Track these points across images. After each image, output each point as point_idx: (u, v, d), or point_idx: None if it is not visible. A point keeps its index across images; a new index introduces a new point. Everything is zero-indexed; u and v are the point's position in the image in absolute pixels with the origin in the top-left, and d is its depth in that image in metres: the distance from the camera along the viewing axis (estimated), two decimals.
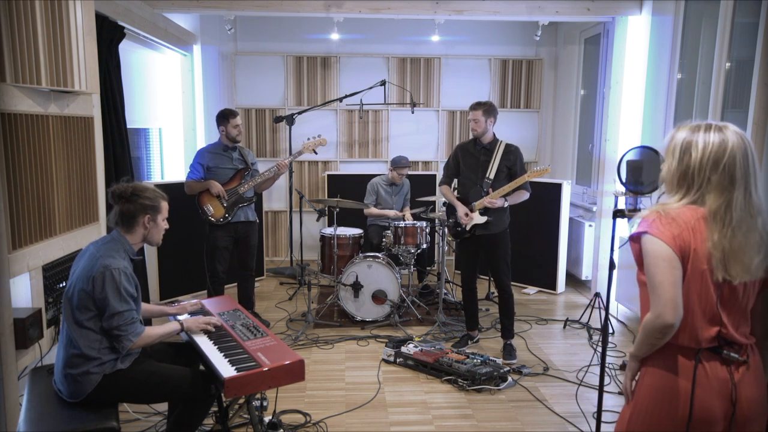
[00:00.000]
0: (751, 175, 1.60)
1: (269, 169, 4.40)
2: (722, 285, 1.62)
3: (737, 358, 1.64)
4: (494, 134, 4.01)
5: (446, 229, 4.16)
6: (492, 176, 3.93)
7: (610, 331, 4.45)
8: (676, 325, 1.61)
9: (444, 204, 4.60)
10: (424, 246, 4.88)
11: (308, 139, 4.68)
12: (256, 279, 5.60)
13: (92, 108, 3.20)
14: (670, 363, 1.67)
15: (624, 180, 3.46)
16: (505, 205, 3.92)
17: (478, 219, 3.92)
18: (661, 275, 1.60)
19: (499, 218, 3.95)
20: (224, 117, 4.28)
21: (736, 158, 1.58)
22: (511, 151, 3.96)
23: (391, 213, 5.21)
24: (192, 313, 2.92)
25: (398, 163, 5.25)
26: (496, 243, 3.97)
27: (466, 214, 3.94)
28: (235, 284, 4.61)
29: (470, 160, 4.04)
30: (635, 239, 1.69)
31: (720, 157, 1.59)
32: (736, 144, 1.59)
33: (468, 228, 3.97)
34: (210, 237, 4.32)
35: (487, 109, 3.91)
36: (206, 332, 2.68)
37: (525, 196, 3.97)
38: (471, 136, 4.07)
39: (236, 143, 4.35)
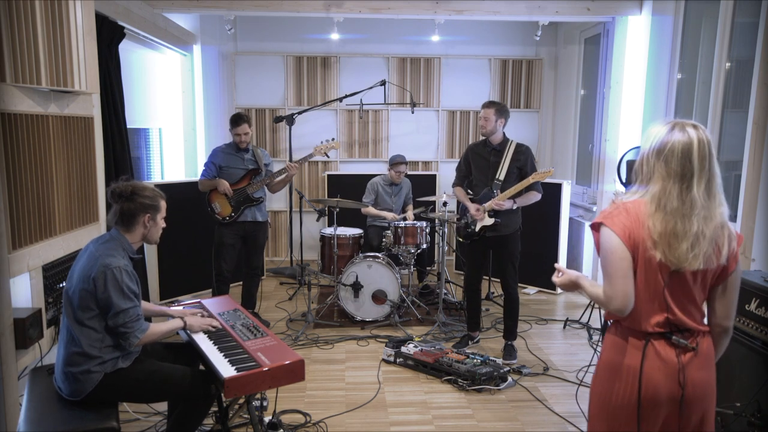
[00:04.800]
0: (696, 170, 1.67)
1: (278, 171, 4.44)
2: (672, 273, 1.72)
3: (685, 344, 1.75)
4: (504, 134, 3.95)
5: (457, 231, 4.12)
6: (502, 177, 3.87)
7: None
8: (626, 312, 1.74)
9: (444, 204, 4.59)
10: (424, 246, 4.87)
11: (321, 142, 4.66)
12: None
13: (92, 108, 3.20)
14: (623, 342, 1.81)
15: (624, 180, 3.47)
16: (514, 207, 3.85)
17: (486, 221, 3.88)
18: (612, 266, 1.73)
19: (509, 220, 3.89)
20: (231, 123, 4.34)
21: (675, 151, 1.68)
22: (522, 152, 3.89)
23: (389, 215, 5.20)
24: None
25: (393, 160, 5.25)
26: (505, 244, 3.93)
27: (477, 209, 3.89)
28: (241, 284, 4.63)
29: (480, 161, 3.99)
30: (594, 227, 1.81)
31: (662, 148, 1.71)
32: (678, 140, 1.69)
33: (477, 229, 3.94)
34: (217, 234, 4.39)
35: (499, 109, 3.84)
36: (206, 332, 2.68)
37: (536, 197, 3.89)
38: (479, 136, 4.04)
39: (240, 149, 4.38)
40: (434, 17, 5.14)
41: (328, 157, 4.76)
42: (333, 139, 4.69)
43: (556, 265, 2.04)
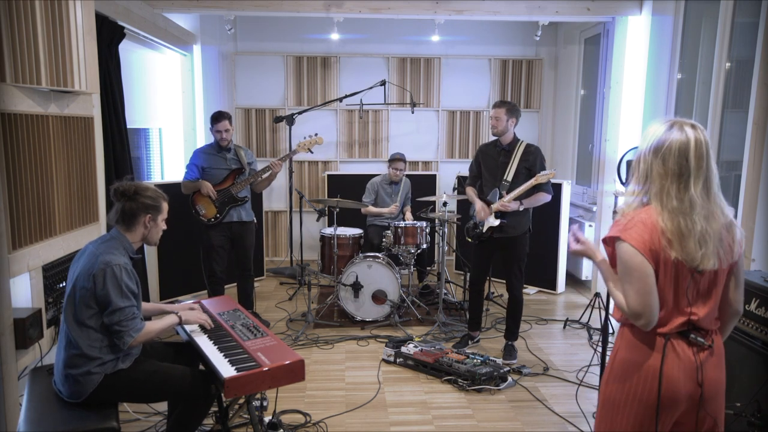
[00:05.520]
0: (693, 170, 1.67)
1: (262, 168, 4.40)
2: (694, 276, 1.71)
3: (703, 343, 1.75)
4: (515, 135, 3.93)
5: (465, 231, 4.11)
6: (509, 178, 3.84)
7: (610, 331, 4.43)
8: (651, 326, 1.73)
9: (444, 204, 4.59)
10: (424, 246, 4.87)
11: (304, 138, 4.67)
12: (256, 279, 5.59)
13: (92, 108, 3.20)
14: (640, 341, 1.79)
15: (624, 180, 3.46)
16: (521, 209, 3.80)
17: (492, 222, 3.85)
18: (635, 284, 1.71)
19: (517, 221, 3.86)
20: (211, 120, 4.30)
21: (672, 150, 1.68)
22: (531, 152, 3.85)
23: (386, 211, 5.22)
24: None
25: (392, 157, 5.30)
26: (512, 246, 3.91)
27: (482, 207, 3.86)
28: (236, 284, 4.62)
29: (489, 162, 3.97)
30: (608, 242, 1.79)
31: (660, 147, 1.70)
32: (676, 138, 1.68)
33: (485, 230, 3.92)
34: (204, 237, 4.34)
35: (510, 108, 3.83)
36: (206, 332, 2.68)
37: (545, 198, 3.85)
38: (482, 137, 4.03)
39: (222, 148, 4.33)
40: (434, 17, 5.14)
41: (311, 152, 4.73)
42: (316, 134, 4.67)
43: (575, 232, 2.00)
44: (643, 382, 1.76)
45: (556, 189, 5.38)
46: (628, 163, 3.44)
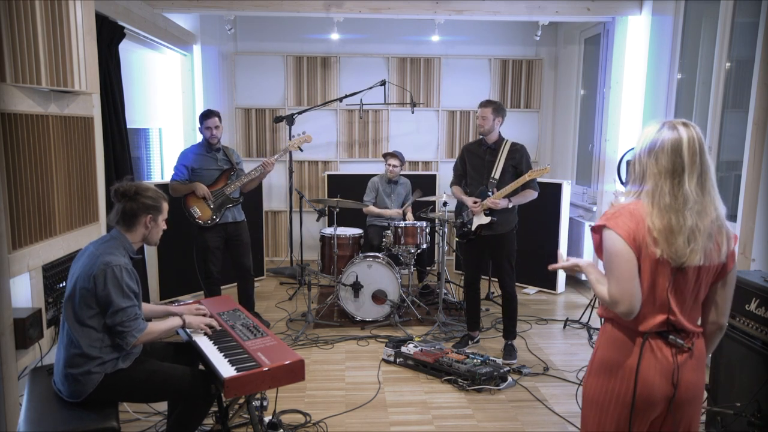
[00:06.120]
0: (687, 166, 1.68)
1: (255, 168, 4.37)
2: (676, 273, 1.72)
3: (682, 345, 1.76)
4: (500, 134, 3.97)
5: (454, 230, 4.13)
6: (497, 176, 3.88)
7: None
8: (633, 315, 1.72)
9: (444, 204, 4.59)
10: (424, 246, 4.87)
11: (293, 136, 4.68)
12: (257, 279, 5.59)
13: (92, 108, 3.20)
14: (619, 340, 1.81)
15: (624, 180, 3.47)
16: (510, 206, 3.86)
17: (483, 219, 3.88)
18: (619, 269, 1.72)
19: (505, 219, 3.90)
20: (200, 118, 4.23)
21: (664, 148, 1.70)
22: (517, 150, 3.91)
23: (387, 213, 5.22)
24: None
25: (385, 153, 5.34)
26: (502, 243, 3.94)
27: (475, 202, 3.88)
28: (234, 284, 4.59)
29: (476, 160, 4.01)
30: (596, 230, 1.82)
31: (652, 146, 1.73)
32: (667, 137, 1.70)
33: (473, 228, 3.95)
34: (199, 239, 4.28)
35: (496, 107, 3.87)
36: (206, 333, 2.68)
37: (532, 195, 3.90)
38: (478, 135, 4.06)
39: (211, 146, 4.29)
40: (434, 17, 5.14)
41: (301, 150, 4.77)
42: (304, 133, 4.69)
43: (557, 262, 2.06)
44: (620, 381, 1.78)
45: (557, 189, 5.39)
46: (628, 163, 3.45)
